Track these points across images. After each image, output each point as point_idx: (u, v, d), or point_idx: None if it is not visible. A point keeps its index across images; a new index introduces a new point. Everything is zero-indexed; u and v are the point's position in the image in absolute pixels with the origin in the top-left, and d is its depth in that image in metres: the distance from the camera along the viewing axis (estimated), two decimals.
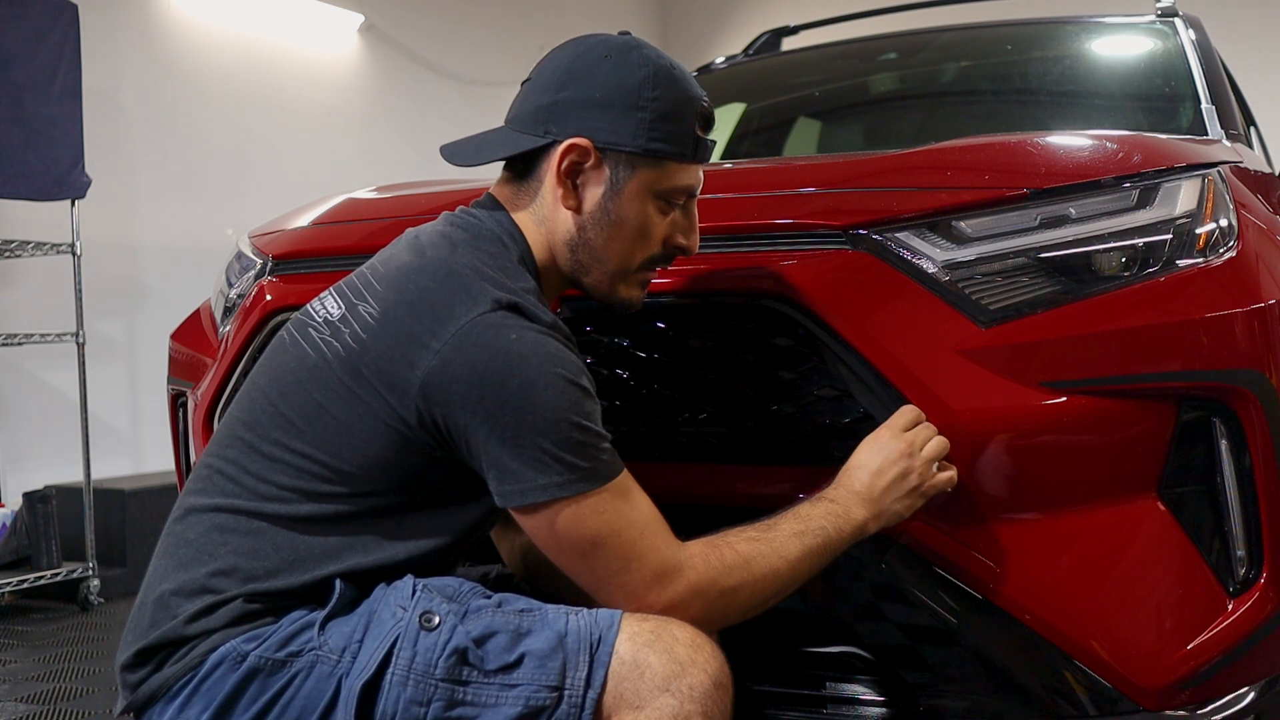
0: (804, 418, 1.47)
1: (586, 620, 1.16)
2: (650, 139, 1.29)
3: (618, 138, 1.29)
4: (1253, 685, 1.45)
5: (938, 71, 3.14)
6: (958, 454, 1.39)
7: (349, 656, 1.15)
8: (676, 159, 1.32)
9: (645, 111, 1.29)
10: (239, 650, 1.17)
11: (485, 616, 1.17)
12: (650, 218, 1.33)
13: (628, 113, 1.29)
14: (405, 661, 1.13)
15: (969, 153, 1.65)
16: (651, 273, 1.39)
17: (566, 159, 1.30)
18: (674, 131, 1.30)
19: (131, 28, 4.63)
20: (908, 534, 1.40)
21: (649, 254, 1.35)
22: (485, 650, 1.14)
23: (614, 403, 1.56)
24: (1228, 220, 1.50)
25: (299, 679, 1.15)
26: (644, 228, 1.33)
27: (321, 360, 1.25)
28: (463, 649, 1.14)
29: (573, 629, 1.15)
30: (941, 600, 1.40)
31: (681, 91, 1.32)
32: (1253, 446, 1.42)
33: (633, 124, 1.29)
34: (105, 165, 4.17)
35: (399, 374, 1.19)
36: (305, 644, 1.17)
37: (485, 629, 1.16)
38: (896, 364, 1.40)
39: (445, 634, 1.14)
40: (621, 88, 1.29)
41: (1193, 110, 2.34)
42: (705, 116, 1.35)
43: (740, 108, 3.31)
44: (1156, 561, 1.41)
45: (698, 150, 1.34)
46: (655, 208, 1.33)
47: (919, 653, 1.44)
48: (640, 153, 1.29)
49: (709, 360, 1.51)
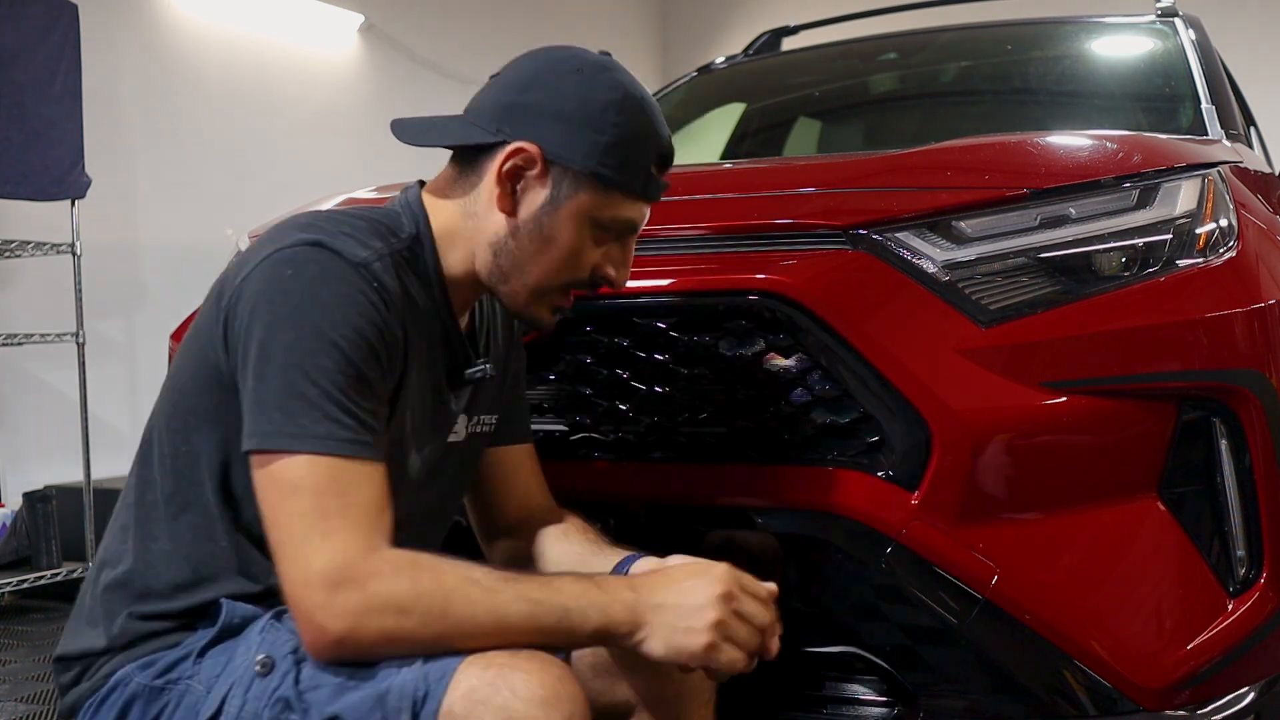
0: (804, 418, 1.47)
1: (416, 674, 1.05)
2: (601, 163, 1.22)
3: (568, 153, 1.22)
4: (1253, 685, 1.45)
5: (938, 71, 3.14)
6: (959, 454, 1.39)
7: (208, 692, 1.14)
8: (623, 190, 1.24)
9: (603, 134, 1.22)
10: (129, 675, 1.18)
11: (319, 665, 1.09)
12: (582, 242, 1.26)
13: (584, 131, 1.22)
14: (235, 709, 1.10)
15: (969, 153, 1.65)
16: (567, 298, 1.30)
17: (510, 161, 1.23)
18: (627, 161, 1.23)
19: (131, 28, 4.63)
20: (908, 534, 1.40)
21: (573, 277, 1.28)
22: (308, 701, 1.08)
23: (614, 403, 1.56)
24: (1228, 220, 1.50)
25: (169, 707, 1.15)
26: (573, 250, 1.26)
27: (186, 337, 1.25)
28: (287, 698, 1.08)
29: (397, 685, 1.05)
30: (941, 600, 1.40)
31: (645, 124, 1.25)
32: (1253, 446, 1.42)
33: (586, 143, 1.22)
34: (105, 165, 4.16)
35: (212, 316, 1.18)
36: (182, 673, 1.16)
37: (313, 680, 1.08)
38: (896, 364, 1.40)
39: (276, 681, 1.09)
40: (584, 105, 1.22)
41: (1193, 110, 2.34)
42: (663, 155, 1.28)
43: (740, 108, 3.31)
44: (1156, 561, 1.41)
45: (647, 187, 1.27)
46: (590, 234, 1.26)
47: (919, 653, 1.44)
48: (587, 174, 1.22)
49: (708, 360, 1.51)
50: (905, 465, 1.40)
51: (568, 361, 1.59)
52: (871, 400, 1.42)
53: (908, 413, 1.40)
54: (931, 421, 1.39)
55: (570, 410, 1.59)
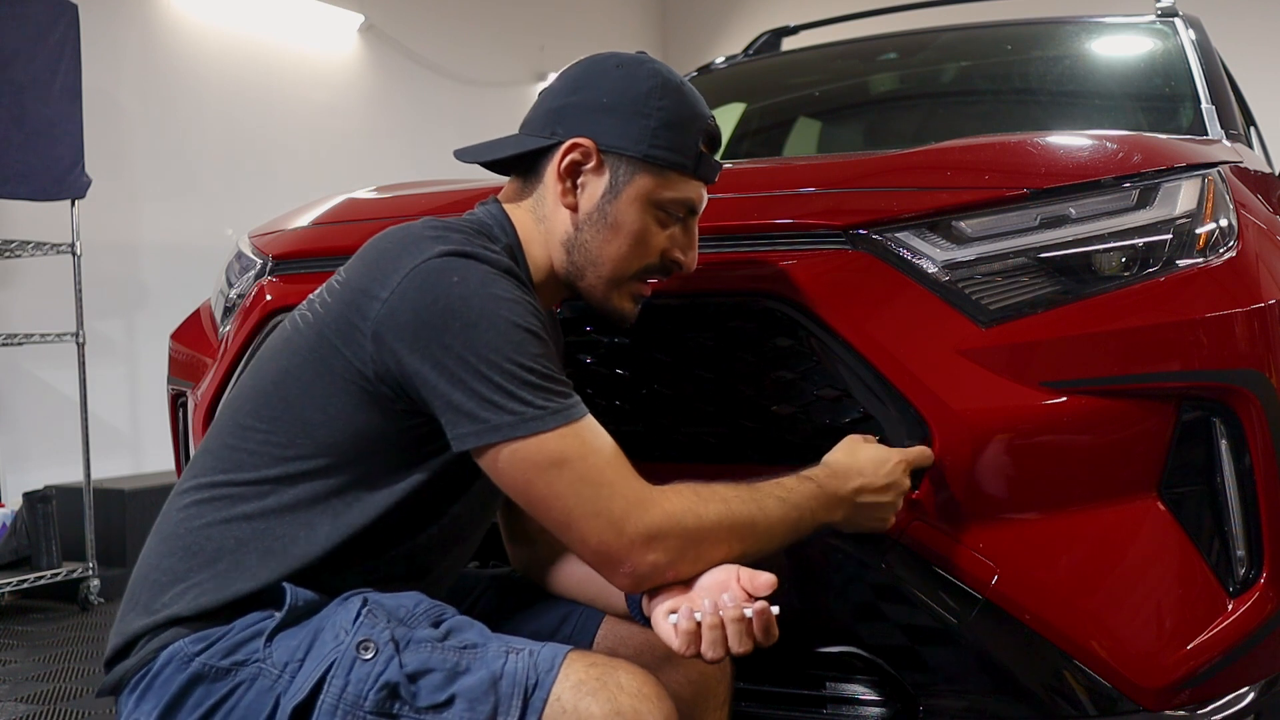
0: (804, 418, 1.47)
1: (525, 662, 1.12)
2: (652, 145, 1.30)
3: (621, 141, 1.30)
4: (1253, 685, 1.45)
5: (938, 71, 3.14)
6: (959, 454, 1.39)
7: (289, 675, 1.14)
8: (677, 169, 1.31)
9: (650, 119, 1.30)
10: (186, 651, 1.17)
11: (424, 651, 1.14)
12: (647, 225, 1.32)
13: (633, 119, 1.30)
14: (337, 690, 1.12)
15: (969, 153, 1.65)
16: (645, 285, 1.37)
17: (568, 157, 1.31)
18: (677, 142, 1.31)
19: (131, 28, 4.63)
20: (908, 534, 1.40)
21: (644, 263, 1.34)
22: (418, 687, 1.11)
23: (614, 402, 1.56)
24: (1228, 220, 1.50)
25: (241, 689, 1.15)
26: (640, 235, 1.32)
27: (295, 331, 1.28)
28: (394, 684, 1.11)
29: (509, 671, 1.11)
30: (941, 600, 1.40)
31: (689, 106, 1.33)
32: (1253, 446, 1.42)
33: (636, 129, 1.30)
34: (105, 165, 4.17)
35: (354, 326, 1.20)
36: (251, 654, 1.16)
37: (420, 664, 1.12)
38: (896, 364, 1.40)
39: (380, 665, 1.12)
40: (628, 94, 1.30)
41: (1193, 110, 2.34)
42: (711, 135, 1.35)
43: (740, 108, 3.32)
44: (1156, 561, 1.41)
45: (699, 165, 1.33)
46: (653, 217, 1.32)
47: (919, 653, 1.44)
48: (641, 158, 1.30)
49: (709, 360, 1.51)
50: None
51: (568, 362, 1.59)
52: (871, 400, 1.42)
53: (908, 413, 1.40)
54: (931, 421, 1.39)
55: None
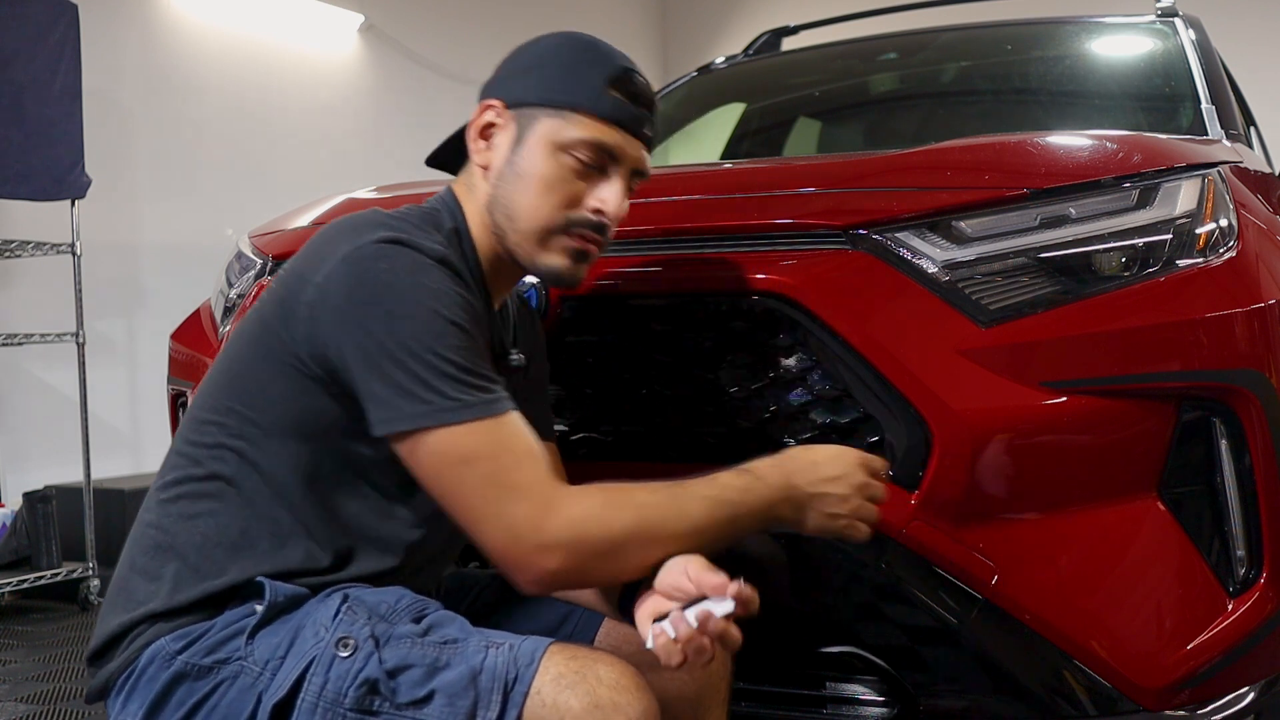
0: (804, 418, 1.47)
1: (505, 657, 1.12)
2: (550, 89, 1.30)
3: (526, 94, 1.31)
4: (1253, 685, 1.45)
5: (938, 71, 3.14)
6: (959, 454, 1.39)
7: (270, 672, 1.14)
8: (578, 109, 1.29)
9: (549, 68, 1.31)
10: (168, 650, 1.17)
11: (403, 646, 1.13)
12: (555, 171, 1.29)
13: (536, 72, 1.32)
14: (316, 687, 1.11)
15: (969, 153, 1.65)
16: (578, 242, 1.31)
17: (481, 119, 1.33)
18: (577, 83, 1.29)
19: (131, 28, 4.63)
20: (908, 534, 1.40)
21: (564, 213, 1.30)
22: (397, 683, 1.11)
23: (613, 403, 1.56)
24: (1228, 220, 1.50)
25: (224, 687, 1.15)
26: (549, 180, 1.29)
27: (245, 322, 1.30)
28: (374, 680, 1.10)
29: (489, 665, 1.11)
30: (941, 600, 1.40)
31: (596, 54, 1.32)
32: (1253, 446, 1.42)
33: (539, 79, 1.31)
34: (105, 165, 4.16)
35: (291, 309, 1.22)
36: (233, 652, 1.16)
37: (400, 660, 1.12)
38: (896, 364, 1.40)
39: (359, 662, 1.12)
40: (539, 54, 1.33)
41: (1193, 110, 2.34)
42: (623, 81, 1.30)
43: (740, 108, 3.31)
44: (1156, 561, 1.41)
45: (600, 103, 1.29)
46: (563, 162, 1.29)
47: (919, 653, 1.44)
48: (541, 102, 1.30)
49: (708, 360, 1.51)
50: (905, 465, 1.40)
51: (568, 361, 1.59)
52: (871, 400, 1.42)
53: (908, 413, 1.40)
54: (931, 421, 1.39)
55: (571, 410, 1.59)
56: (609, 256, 1.59)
